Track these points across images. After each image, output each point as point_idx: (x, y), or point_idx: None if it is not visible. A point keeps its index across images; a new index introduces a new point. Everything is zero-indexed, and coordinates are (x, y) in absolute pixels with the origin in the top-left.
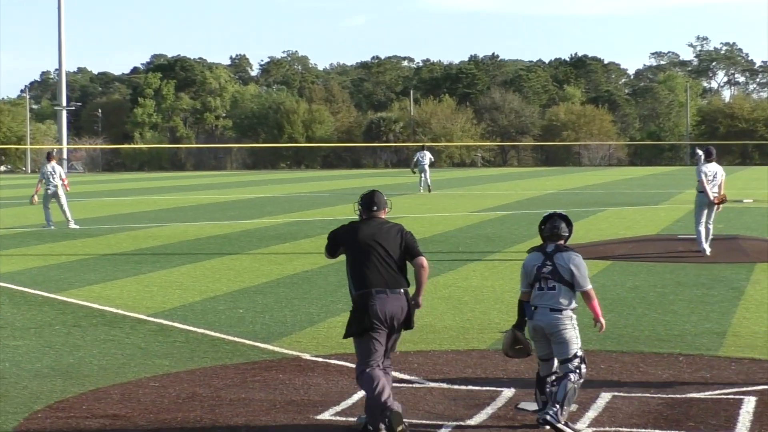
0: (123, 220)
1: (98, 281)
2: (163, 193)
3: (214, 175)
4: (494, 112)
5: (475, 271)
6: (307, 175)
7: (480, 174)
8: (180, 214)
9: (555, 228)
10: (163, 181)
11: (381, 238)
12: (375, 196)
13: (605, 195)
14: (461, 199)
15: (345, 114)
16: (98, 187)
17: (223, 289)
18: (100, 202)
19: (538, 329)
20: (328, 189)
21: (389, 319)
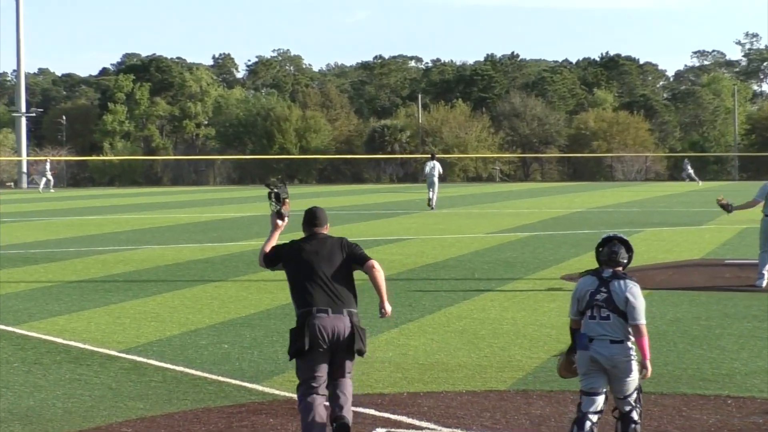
0: (91, 242)
1: (63, 312)
2: (137, 211)
3: (195, 190)
4: (514, 119)
5: (493, 301)
6: (301, 191)
7: (498, 190)
8: (156, 235)
9: (613, 253)
10: (137, 197)
11: (324, 256)
12: (317, 212)
13: (641, 214)
14: (477, 218)
15: (344, 121)
16: (62, 205)
17: (206, 321)
18: (65, 221)
19: (595, 361)
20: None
21: (330, 339)
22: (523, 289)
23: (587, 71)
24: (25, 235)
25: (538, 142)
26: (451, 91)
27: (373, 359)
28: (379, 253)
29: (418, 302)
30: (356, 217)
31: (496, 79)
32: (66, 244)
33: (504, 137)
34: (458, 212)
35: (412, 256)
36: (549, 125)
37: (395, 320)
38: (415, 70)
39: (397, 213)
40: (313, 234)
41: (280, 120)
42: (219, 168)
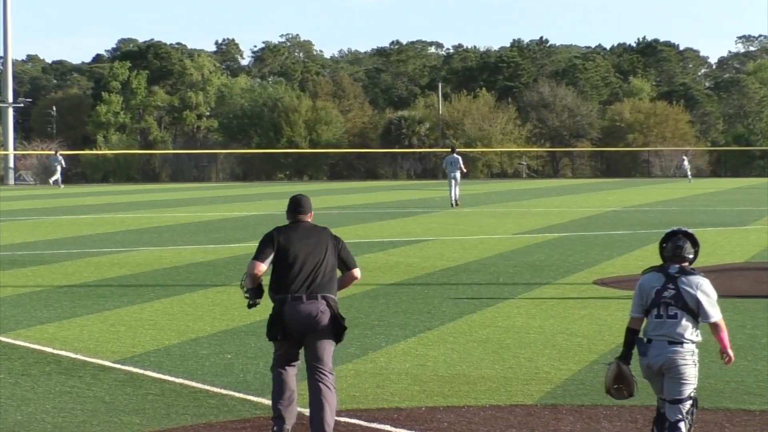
0: (83, 243)
1: (52, 319)
2: (133, 210)
3: (196, 187)
4: (542, 110)
5: (519, 308)
6: (310, 187)
7: (525, 187)
8: (154, 236)
9: (678, 248)
10: (133, 195)
11: (307, 244)
12: (301, 200)
13: (681, 213)
14: (502, 218)
15: (357, 113)
16: (52, 203)
17: (207, 329)
18: (55, 221)
19: (652, 368)
20: (337, 205)
21: (301, 324)
22: (552, 296)
23: (622, 58)
24: (11, 236)
25: (568, 135)
26: (474, 80)
27: (389, 371)
28: (396, 256)
29: (438, 309)
30: (371, 217)
31: (523, 67)
32: (56, 246)
33: (531, 130)
34: (481, 211)
35: (431, 259)
36: (580, 117)
37: (413, 329)
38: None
39: (414, 212)
40: (297, 221)
41: (288, 111)
42: (222, 163)
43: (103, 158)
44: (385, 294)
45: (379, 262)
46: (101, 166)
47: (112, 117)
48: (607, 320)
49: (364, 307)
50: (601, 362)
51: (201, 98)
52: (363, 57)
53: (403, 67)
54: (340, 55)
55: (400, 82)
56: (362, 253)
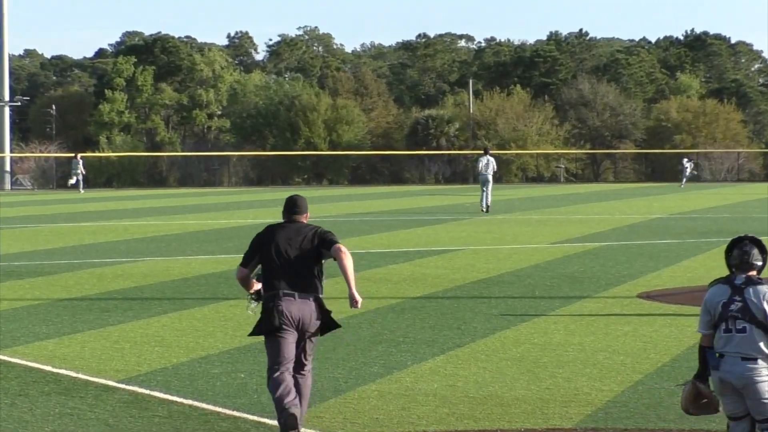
0: (85, 253)
1: (52, 335)
2: (139, 217)
3: (206, 192)
4: (582, 109)
5: (556, 324)
6: (330, 193)
7: (563, 192)
8: (161, 245)
9: (745, 255)
10: (138, 201)
11: (296, 243)
12: (297, 200)
13: (733, 221)
14: (538, 226)
15: (381, 111)
16: (51, 209)
17: (219, 346)
18: (54, 229)
19: (726, 382)
20: (359, 212)
21: (297, 321)
22: (593, 310)
23: (669, 52)
24: (7, 246)
25: (610, 136)
26: (508, 76)
27: (416, 391)
28: (423, 267)
29: (468, 325)
30: (396, 224)
31: (561, 62)
32: (56, 256)
33: (570, 130)
34: (515, 218)
35: (461, 270)
36: (623, 116)
37: (441, 346)
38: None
39: (443, 219)
40: (291, 221)
41: (306, 110)
42: (234, 166)
43: (106, 161)
44: (412, 308)
45: (405, 273)
46: (104, 170)
47: (116, 116)
48: (653, 337)
49: (388, 323)
50: (646, 383)
51: (212, 96)
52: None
53: (430, 62)
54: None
55: (428, 79)
56: (386, 263)
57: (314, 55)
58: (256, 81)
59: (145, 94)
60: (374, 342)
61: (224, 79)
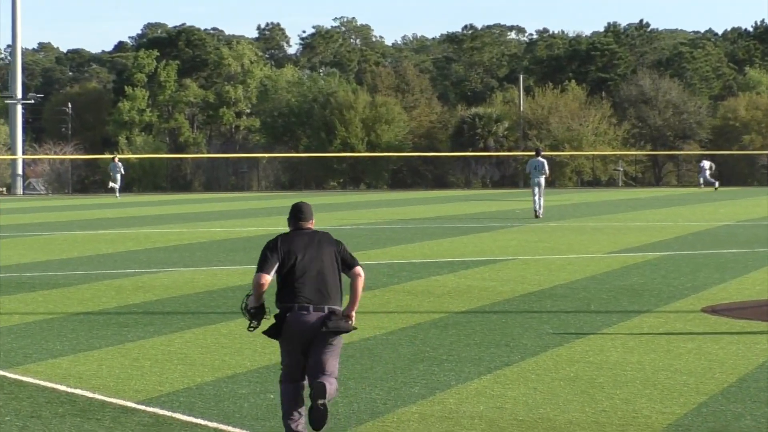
0: (102, 263)
1: (66, 352)
2: (161, 224)
3: (234, 198)
4: (643, 106)
5: (613, 341)
6: (368, 198)
7: (622, 197)
8: (184, 255)
9: None
10: (160, 206)
11: (311, 253)
12: (303, 207)
13: None
14: (594, 233)
15: (424, 110)
16: (67, 216)
17: (247, 364)
18: (70, 237)
19: None
20: (399, 218)
21: (306, 334)
22: (653, 326)
23: (737, 45)
24: (19, 255)
25: (673, 136)
26: (562, 71)
27: (460, 414)
28: (468, 278)
29: (517, 341)
30: (439, 232)
31: (620, 56)
32: (71, 266)
33: (629, 130)
34: (570, 226)
35: (510, 283)
36: (687, 114)
37: (488, 365)
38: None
39: (491, 227)
40: (299, 229)
41: (342, 108)
42: (265, 169)
43: (126, 164)
44: (456, 323)
45: (449, 285)
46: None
47: (137, 115)
48: (719, 355)
49: (430, 339)
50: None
51: (240, 93)
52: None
53: (477, 56)
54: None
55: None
56: (429, 275)
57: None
58: (288, 76)
59: (168, 91)
60: (415, 360)
61: (254, 74)
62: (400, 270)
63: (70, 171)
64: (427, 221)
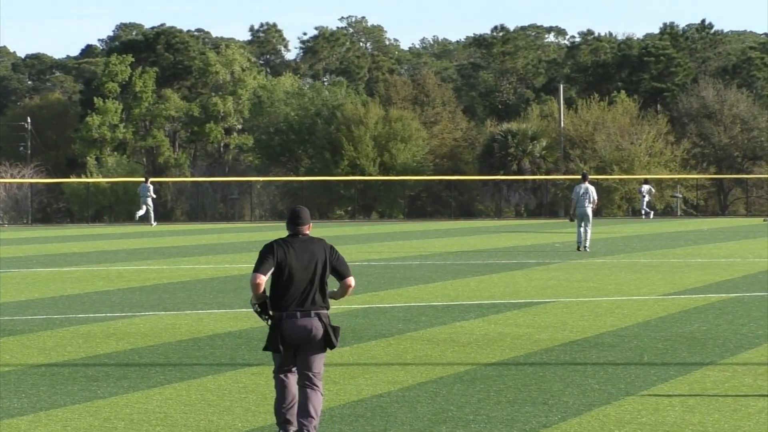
0: (68, 306)
1: (26, 411)
2: (136, 260)
3: (223, 229)
4: (705, 121)
5: (671, 398)
6: (382, 229)
7: (680, 228)
8: (164, 296)
9: None
10: (136, 239)
11: (304, 261)
12: (300, 212)
13: None
14: (647, 272)
15: (447, 125)
16: (25, 250)
17: (238, 425)
18: (30, 275)
19: None
20: (419, 253)
21: (297, 340)
22: (718, 380)
23: None
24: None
25: (741, 157)
26: (610, 80)
27: None
28: (500, 324)
29: (558, 399)
30: (465, 270)
31: (679, 62)
32: (31, 310)
33: (689, 149)
34: (619, 263)
35: (548, 329)
36: (758, 131)
37: (522, 426)
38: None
39: (526, 263)
40: (296, 233)
41: (351, 123)
42: (259, 195)
43: (95, 188)
44: (485, 377)
45: (477, 332)
46: (92, 200)
47: (108, 131)
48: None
49: (454, 396)
50: None
51: (230, 106)
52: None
53: (510, 63)
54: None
55: (507, 84)
56: (453, 320)
57: (361, 53)
58: (286, 86)
59: (145, 104)
60: (436, 421)
61: (246, 83)
62: (419, 314)
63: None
64: (451, 257)
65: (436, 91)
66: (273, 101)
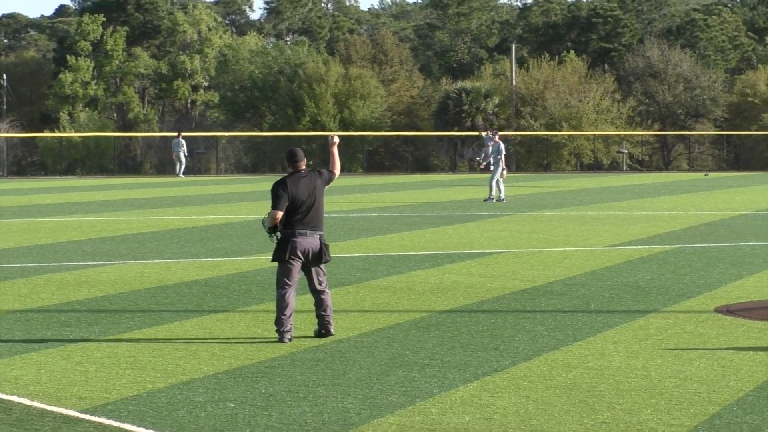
0: (42, 255)
1: (2, 354)
2: (107, 211)
3: (190, 182)
4: (650, 80)
5: (616, 344)
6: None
7: (626, 183)
8: (134, 245)
9: None
10: (107, 191)
11: (309, 189)
12: (296, 152)
13: None
14: (594, 224)
15: (404, 83)
16: (2, 201)
17: (204, 369)
18: (4, 225)
19: None
20: (376, 206)
21: (305, 254)
22: (661, 327)
23: (756, 12)
24: None
25: (684, 115)
26: (560, 40)
27: (443, 425)
28: (453, 274)
29: (508, 345)
30: (420, 222)
31: (625, 23)
32: (6, 258)
33: (635, 107)
34: (567, 215)
35: (499, 279)
36: (700, 90)
37: (475, 370)
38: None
39: (478, 215)
40: (296, 170)
41: (312, 81)
42: (225, 150)
43: (68, 143)
44: (439, 324)
45: (432, 282)
46: (65, 154)
47: (80, 88)
48: (734, 360)
49: (410, 342)
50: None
51: (197, 64)
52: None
53: (464, 23)
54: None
55: (461, 43)
56: (409, 269)
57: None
58: (251, 45)
59: (115, 62)
60: (393, 365)
61: (212, 42)
62: (377, 264)
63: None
64: (407, 209)
65: (394, 50)
66: (238, 60)
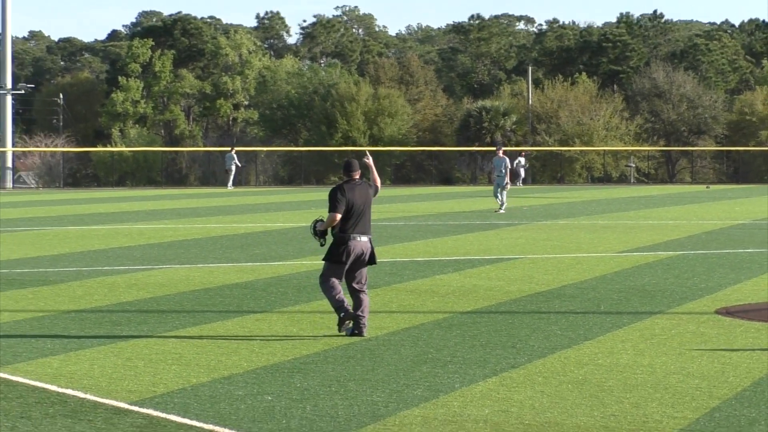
0: (95, 259)
1: (57, 351)
2: (155, 219)
3: (231, 193)
4: (656, 100)
5: (624, 343)
6: None
7: (633, 194)
8: (179, 251)
9: None
10: (155, 201)
11: (363, 196)
12: (352, 162)
13: None
14: (605, 232)
15: (429, 102)
16: (58, 210)
17: (243, 365)
18: (61, 232)
19: None
20: (403, 215)
21: (359, 255)
22: (665, 328)
23: (754, 37)
24: (8, 251)
25: (687, 132)
26: (573, 63)
27: (464, 417)
28: (473, 278)
29: (525, 343)
30: (444, 230)
31: (633, 47)
32: (62, 263)
33: (642, 124)
34: (579, 224)
35: (516, 282)
36: (702, 109)
37: (493, 367)
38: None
39: (497, 224)
40: (351, 178)
41: (344, 100)
42: (263, 163)
43: (119, 157)
44: (461, 324)
45: (454, 285)
46: (117, 167)
47: (131, 106)
48: (732, 358)
49: (434, 340)
50: (724, 409)
51: (238, 84)
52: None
53: (485, 47)
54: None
55: (482, 66)
56: (433, 274)
57: (353, 38)
58: (287, 67)
59: (163, 82)
60: (418, 362)
61: (252, 65)
62: (403, 269)
63: (62, 164)
64: (431, 218)
65: (420, 72)
66: (276, 80)
